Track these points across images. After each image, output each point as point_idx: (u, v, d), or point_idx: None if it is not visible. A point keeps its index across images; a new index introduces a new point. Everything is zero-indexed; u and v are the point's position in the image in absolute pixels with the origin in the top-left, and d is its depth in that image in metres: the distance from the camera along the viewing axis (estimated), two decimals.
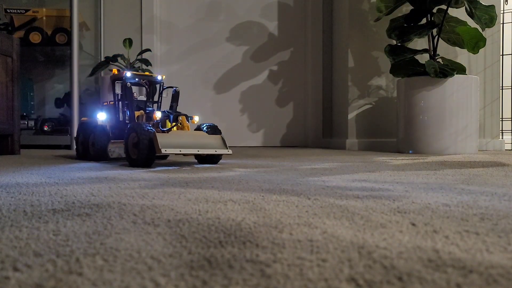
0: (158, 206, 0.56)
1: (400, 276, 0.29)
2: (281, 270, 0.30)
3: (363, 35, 2.37)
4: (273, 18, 2.92)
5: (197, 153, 1.15)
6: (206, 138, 1.20)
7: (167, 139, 1.12)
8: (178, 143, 1.13)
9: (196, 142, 1.17)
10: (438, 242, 0.38)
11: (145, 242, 0.38)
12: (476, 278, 0.29)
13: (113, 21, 2.76)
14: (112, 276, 0.29)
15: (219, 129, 1.28)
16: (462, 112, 1.92)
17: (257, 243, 0.37)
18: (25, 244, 0.37)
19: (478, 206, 0.57)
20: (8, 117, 1.74)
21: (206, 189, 0.72)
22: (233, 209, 0.54)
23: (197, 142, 1.17)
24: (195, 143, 1.17)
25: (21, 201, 0.59)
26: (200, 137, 1.19)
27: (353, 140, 2.38)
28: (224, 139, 1.23)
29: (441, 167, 1.18)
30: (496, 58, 2.41)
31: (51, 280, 0.28)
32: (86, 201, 0.59)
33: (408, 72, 1.98)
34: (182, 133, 1.18)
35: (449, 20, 1.97)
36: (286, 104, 2.96)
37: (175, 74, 2.83)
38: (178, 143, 1.13)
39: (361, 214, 0.51)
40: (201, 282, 0.28)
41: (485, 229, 0.43)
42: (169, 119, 1.25)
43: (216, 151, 1.19)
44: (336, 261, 0.32)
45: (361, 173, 1.03)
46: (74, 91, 2.33)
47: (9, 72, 1.74)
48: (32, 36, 2.44)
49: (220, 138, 1.23)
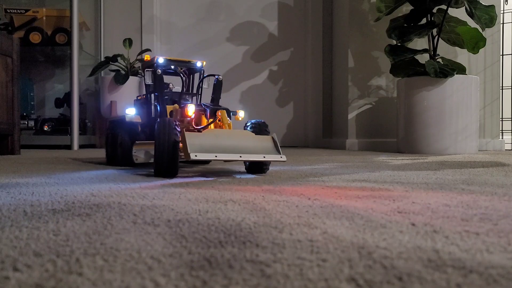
0: (158, 206, 0.56)
1: (400, 276, 0.29)
2: (281, 270, 0.30)
3: (363, 35, 2.37)
4: (273, 18, 2.93)
5: (239, 160, 0.87)
6: (251, 140, 0.92)
7: (198, 140, 0.86)
8: (213, 146, 0.87)
9: (238, 145, 0.90)
10: (438, 242, 0.38)
11: (145, 242, 0.37)
12: (476, 278, 0.29)
13: (113, 21, 2.76)
14: (112, 276, 0.29)
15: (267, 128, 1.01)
16: (462, 112, 1.92)
17: (257, 243, 0.37)
18: (25, 244, 0.37)
19: (478, 206, 0.57)
20: (8, 117, 1.74)
21: (206, 189, 0.72)
22: (233, 209, 0.54)
23: (239, 145, 0.90)
24: (237, 147, 0.89)
25: (21, 201, 0.59)
26: (244, 139, 0.92)
27: (353, 140, 2.38)
28: (276, 141, 0.94)
29: (441, 167, 1.18)
30: (496, 58, 2.41)
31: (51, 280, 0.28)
32: (86, 201, 0.59)
33: (408, 72, 1.98)
34: (221, 133, 0.91)
35: (449, 20, 1.97)
36: (286, 104, 2.96)
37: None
38: (213, 146, 0.87)
39: (361, 214, 0.51)
40: (201, 282, 0.28)
41: (485, 229, 0.43)
42: (205, 114, 1.01)
43: (265, 157, 0.90)
44: (336, 261, 0.32)
45: (361, 173, 1.03)
46: (74, 91, 2.33)
47: (9, 72, 1.74)
48: (32, 36, 2.44)
49: (271, 139, 0.95)
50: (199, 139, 0.86)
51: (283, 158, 0.92)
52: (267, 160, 0.91)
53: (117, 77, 2.44)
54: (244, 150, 0.89)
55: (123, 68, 2.49)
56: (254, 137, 0.94)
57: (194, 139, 0.85)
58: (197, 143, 0.85)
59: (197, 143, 0.85)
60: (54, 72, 2.79)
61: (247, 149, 0.90)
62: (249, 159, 0.89)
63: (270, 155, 0.91)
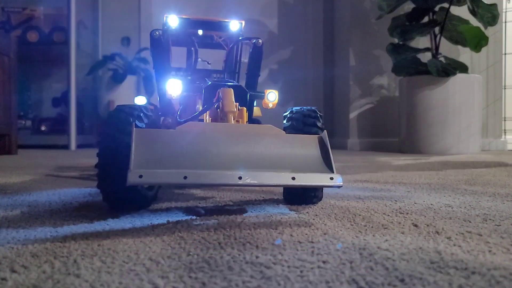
0: (156, 207, 0.55)
1: (402, 278, 0.29)
2: (281, 272, 0.30)
3: (364, 33, 2.36)
4: (273, 16, 2.92)
5: (238, 185, 0.44)
6: (274, 144, 0.50)
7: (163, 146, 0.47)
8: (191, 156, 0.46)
9: (246, 153, 0.49)
10: (440, 243, 0.37)
11: (144, 244, 0.37)
12: (478, 279, 0.28)
13: (111, 20, 2.76)
14: (110, 278, 0.29)
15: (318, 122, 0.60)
16: (464, 112, 1.91)
17: (257, 244, 0.37)
18: (22, 245, 0.37)
19: (481, 206, 0.56)
20: (5, 116, 1.73)
21: (205, 190, 0.72)
22: (233, 210, 0.53)
23: (248, 154, 0.49)
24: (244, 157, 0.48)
25: (18, 202, 0.59)
26: (260, 141, 0.50)
27: (355, 139, 2.37)
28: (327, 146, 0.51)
29: (444, 167, 1.17)
30: (498, 57, 2.40)
31: (48, 282, 0.28)
32: (83, 202, 0.59)
33: (410, 71, 1.97)
34: (216, 130, 0.51)
35: (451, 18, 1.97)
36: (287, 103, 2.96)
37: None
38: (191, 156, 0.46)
39: (363, 215, 0.50)
40: (200, 284, 0.28)
41: (487, 230, 0.43)
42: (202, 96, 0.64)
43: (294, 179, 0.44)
44: (337, 263, 0.32)
45: (362, 173, 1.02)
46: (72, 90, 2.32)
47: (6, 71, 1.73)
48: (30, 35, 2.44)
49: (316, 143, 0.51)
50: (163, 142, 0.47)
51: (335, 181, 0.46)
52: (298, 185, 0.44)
53: (115, 76, 2.44)
54: (257, 164, 0.48)
55: (121, 66, 2.49)
56: (282, 138, 0.51)
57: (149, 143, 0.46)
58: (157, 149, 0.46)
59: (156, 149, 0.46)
60: (51, 71, 2.78)
61: (264, 162, 0.48)
62: (258, 182, 0.44)
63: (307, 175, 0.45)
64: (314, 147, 0.51)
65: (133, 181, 0.40)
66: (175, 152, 0.46)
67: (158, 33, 0.68)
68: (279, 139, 0.51)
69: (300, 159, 0.50)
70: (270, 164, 0.48)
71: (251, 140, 0.50)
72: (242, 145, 0.49)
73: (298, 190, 0.57)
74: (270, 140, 0.51)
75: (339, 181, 0.46)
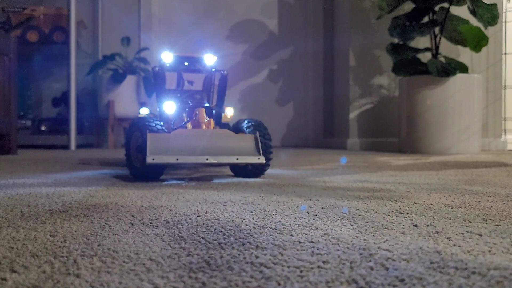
0: (157, 207, 0.55)
1: (402, 278, 0.29)
2: (281, 272, 0.30)
3: (364, 33, 2.36)
4: (273, 16, 2.92)
5: (206, 162, 0.80)
6: (228, 140, 0.84)
7: (164, 142, 0.80)
8: (180, 148, 0.80)
9: (210, 146, 0.82)
10: (440, 244, 0.37)
11: (143, 244, 0.37)
12: (478, 279, 0.28)
13: (111, 20, 2.76)
14: (110, 278, 0.29)
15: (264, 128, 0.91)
16: (464, 112, 1.91)
17: (257, 244, 0.37)
18: (22, 245, 0.37)
19: (481, 206, 0.56)
20: (5, 116, 1.73)
21: (204, 189, 0.72)
22: (232, 210, 0.53)
23: (212, 146, 0.82)
24: (208, 148, 0.82)
25: (18, 202, 0.59)
26: (219, 139, 0.84)
27: (355, 140, 2.38)
28: (258, 141, 0.85)
29: (444, 168, 1.17)
30: (498, 57, 2.40)
31: (48, 282, 0.28)
32: (83, 202, 0.59)
33: (410, 71, 1.97)
34: (193, 133, 0.85)
35: (451, 18, 1.97)
36: (287, 104, 2.96)
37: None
38: (180, 148, 0.80)
39: (363, 215, 0.50)
40: (200, 284, 0.28)
41: (487, 230, 0.43)
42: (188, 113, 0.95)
43: (238, 159, 0.80)
44: (337, 263, 0.32)
45: (362, 173, 1.02)
46: (72, 90, 2.32)
47: (6, 71, 1.73)
48: (30, 35, 2.43)
49: (252, 139, 0.85)
50: (164, 141, 0.80)
51: (260, 159, 0.82)
52: (240, 163, 0.82)
53: (115, 76, 2.44)
54: (217, 152, 0.81)
55: (121, 67, 2.49)
56: (232, 136, 0.85)
57: (157, 141, 0.79)
58: (161, 145, 0.79)
59: (160, 145, 0.79)
60: (51, 71, 2.78)
61: (221, 151, 0.81)
62: (217, 161, 0.79)
63: (245, 157, 0.81)
64: (251, 141, 0.85)
65: (149, 162, 0.77)
66: (171, 146, 0.80)
67: (157, 68, 0.98)
68: (230, 137, 0.86)
69: (242, 149, 0.83)
70: (224, 152, 0.82)
71: (214, 138, 0.84)
72: (208, 141, 0.83)
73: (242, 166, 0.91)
74: (225, 138, 0.85)
75: (262, 159, 0.82)
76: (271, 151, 0.89)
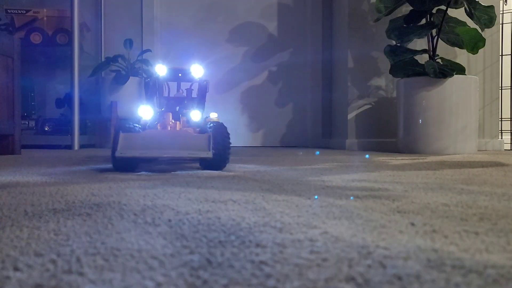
0: (159, 205, 0.56)
1: (400, 276, 0.29)
2: (281, 269, 0.30)
3: (362, 35, 2.37)
4: (273, 18, 2.93)
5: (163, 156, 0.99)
6: (185, 138, 1.01)
7: (134, 140, 0.97)
8: (146, 145, 0.96)
9: (171, 143, 0.99)
10: (437, 242, 0.38)
11: (146, 242, 0.38)
12: (475, 277, 0.29)
13: (114, 22, 2.76)
14: (112, 276, 0.29)
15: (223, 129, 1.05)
16: (461, 112, 1.92)
17: (257, 242, 0.37)
18: (26, 244, 0.37)
19: (478, 206, 0.57)
20: (9, 117, 1.74)
21: (206, 188, 0.72)
22: (233, 208, 0.54)
23: (172, 144, 0.98)
24: (169, 145, 0.98)
25: (22, 201, 0.59)
26: (179, 137, 1.01)
27: (353, 140, 2.38)
28: (210, 139, 1.00)
29: (441, 167, 1.18)
30: (495, 58, 2.41)
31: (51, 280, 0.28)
32: (86, 201, 0.59)
33: (408, 73, 1.98)
34: (158, 133, 1.04)
35: (449, 20, 1.98)
36: (286, 105, 2.96)
37: None
38: (146, 145, 0.96)
39: (361, 214, 0.51)
40: (202, 281, 0.28)
41: (484, 228, 0.43)
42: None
43: (189, 154, 0.97)
44: (335, 261, 0.32)
45: (360, 173, 1.03)
46: (75, 92, 2.32)
47: (10, 72, 1.74)
48: (33, 37, 2.43)
49: (206, 138, 1.00)
50: (135, 139, 0.98)
51: (208, 154, 0.97)
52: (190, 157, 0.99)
53: (118, 78, 2.44)
54: (174, 147, 0.97)
55: (124, 68, 2.49)
56: (189, 136, 1.02)
57: (128, 140, 0.97)
58: (131, 142, 0.97)
59: (130, 142, 0.97)
60: (54, 72, 2.79)
61: (178, 146, 0.98)
62: (172, 155, 0.98)
63: (196, 152, 0.97)
64: (205, 140, 1.00)
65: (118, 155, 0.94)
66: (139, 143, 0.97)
67: (148, 79, 1.24)
68: (188, 136, 1.02)
69: (197, 145, 0.99)
70: (183, 147, 0.98)
71: (175, 137, 1.01)
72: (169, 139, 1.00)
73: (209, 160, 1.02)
74: (183, 137, 1.01)
75: (210, 154, 0.97)
76: (229, 147, 1.04)
